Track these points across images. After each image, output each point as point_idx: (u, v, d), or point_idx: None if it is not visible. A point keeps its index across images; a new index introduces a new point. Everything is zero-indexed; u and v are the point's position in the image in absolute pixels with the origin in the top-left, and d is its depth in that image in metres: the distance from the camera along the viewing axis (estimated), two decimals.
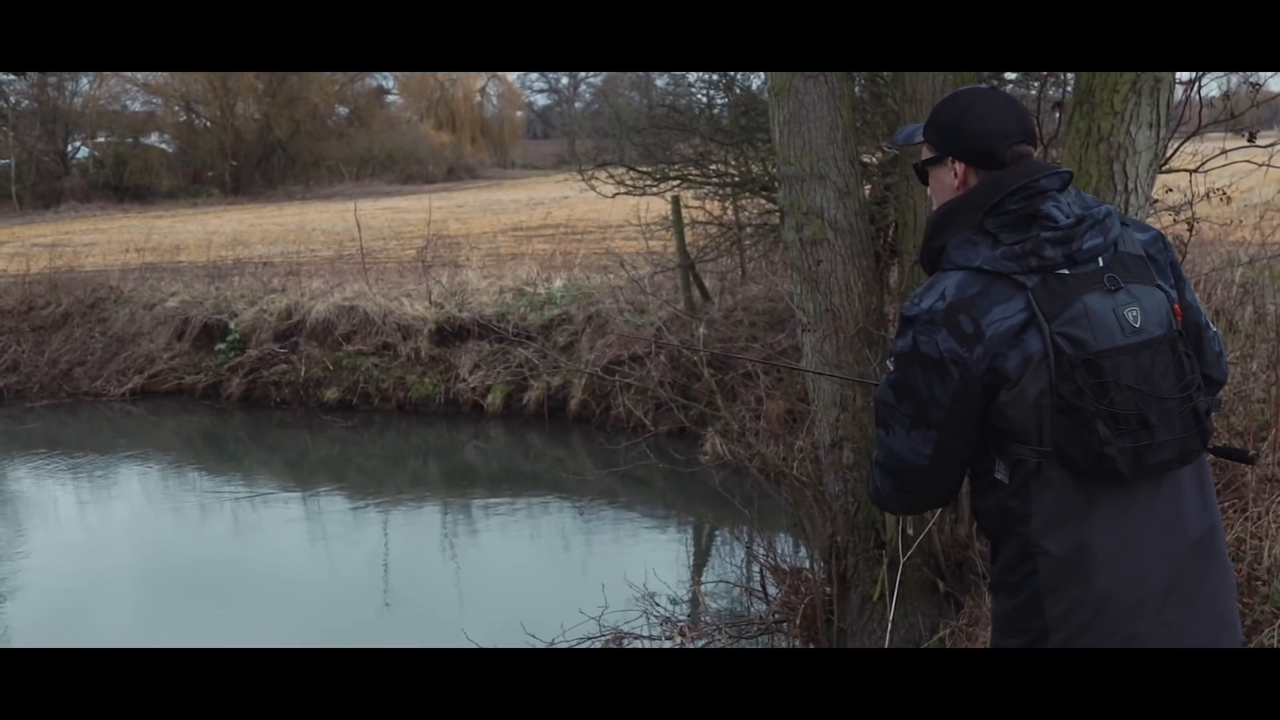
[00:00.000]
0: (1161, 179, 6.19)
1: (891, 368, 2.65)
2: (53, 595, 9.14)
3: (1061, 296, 2.48)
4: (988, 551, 5.48)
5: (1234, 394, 6.30)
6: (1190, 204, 7.06)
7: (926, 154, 2.81)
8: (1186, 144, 6.57)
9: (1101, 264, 2.53)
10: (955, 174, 2.72)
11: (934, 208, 2.77)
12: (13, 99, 53.48)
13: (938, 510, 5.48)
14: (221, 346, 16.29)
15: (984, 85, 2.78)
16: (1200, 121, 6.47)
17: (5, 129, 51.78)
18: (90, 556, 10.30)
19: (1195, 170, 6.83)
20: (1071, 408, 2.45)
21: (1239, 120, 6.87)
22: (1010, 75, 9.34)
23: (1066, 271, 2.50)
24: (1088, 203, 2.61)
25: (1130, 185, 4.36)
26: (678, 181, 12.32)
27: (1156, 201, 6.59)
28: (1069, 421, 2.46)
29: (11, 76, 48.52)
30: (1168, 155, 6.04)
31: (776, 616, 6.71)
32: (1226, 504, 5.56)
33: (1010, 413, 2.51)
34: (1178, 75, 4.49)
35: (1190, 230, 6.86)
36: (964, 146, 2.70)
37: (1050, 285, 2.49)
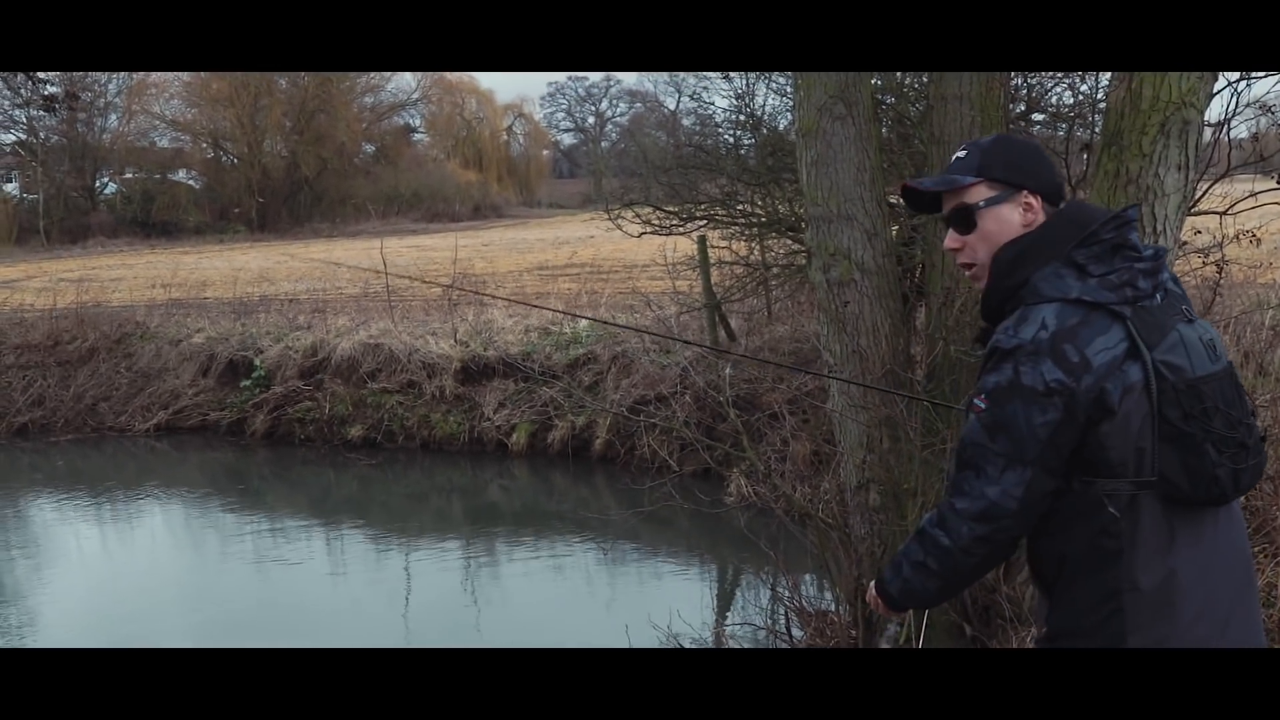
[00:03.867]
0: (1190, 221, 6.17)
1: (983, 405, 2.56)
2: (75, 631, 9.13)
3: (1158, 326, 2.50)
4: (1016, 595, 5.43)
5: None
6: (1219, 246, 7.04)
7: (985, 192, 2.72)
8: (1215, 186, 6.55)
9: (1159, 300, 2.56)
10: (1028, 207, 2.69)
11: (990, 249, 2.71)
12: (42, 134, 54.03)
13: None
14: (246, 383, 16.30)
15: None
16: (1229, 163, 6.45)
17: (34, 164, 52.33)
18: (114, 592, 10.31)
19: (1224, 212, 6.81)
20: (1179, 434, 2.46)
21: (1268, 162, 6.85)
22: (1038, 117, 9.34)
23: (1151, 302, 2.54)
24: None
25: (1159, 227, 4.34)
26: (704, 221, 12.35)
27: (1185, 244, 6.56)
28: (1174, 449, 2.47)
29: (42, 113, 48.92)
30: (1197, 197, 6.01)
31: None
32: (1258, 549, 5.51)
33: (1110, 444, 2.48)
34: (1206, 117, 4.47)
35: (1219, 272, 6.83)
36: (1042, 180, 2.72)
37: (1144, 315, 2.51)
